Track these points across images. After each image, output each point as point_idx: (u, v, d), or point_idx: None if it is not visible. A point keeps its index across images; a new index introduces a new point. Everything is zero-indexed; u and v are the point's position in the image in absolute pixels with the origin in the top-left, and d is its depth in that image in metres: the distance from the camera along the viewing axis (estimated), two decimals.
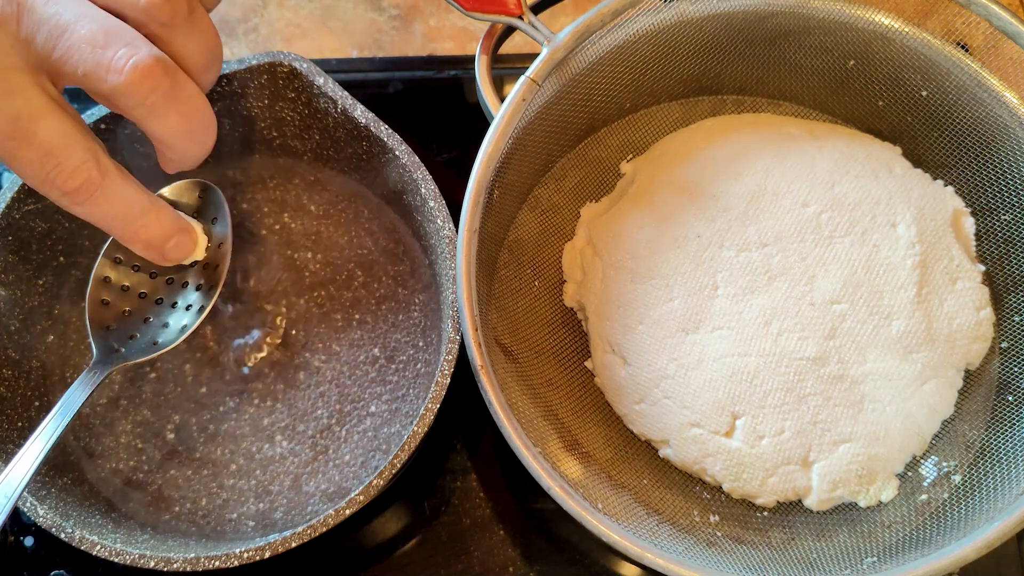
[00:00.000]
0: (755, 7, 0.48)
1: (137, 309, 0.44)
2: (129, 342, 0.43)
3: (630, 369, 0.45)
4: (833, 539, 0.44)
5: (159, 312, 0.44)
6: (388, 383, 0.49)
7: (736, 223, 0.46)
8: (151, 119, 0.36)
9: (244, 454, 0.48)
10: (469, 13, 0.44)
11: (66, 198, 0.36)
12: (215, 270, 0.44)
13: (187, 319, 0.44)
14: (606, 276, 0.47)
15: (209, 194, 0.45)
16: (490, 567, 0.48)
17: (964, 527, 0.41)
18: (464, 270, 0.41)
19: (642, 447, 0.47)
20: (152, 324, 0.44)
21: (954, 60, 0.46)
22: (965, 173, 0.49)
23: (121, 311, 0.44)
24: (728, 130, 0.50)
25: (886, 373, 0.44)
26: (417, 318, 0.51)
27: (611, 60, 0.48)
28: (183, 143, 0.38)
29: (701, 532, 0.44)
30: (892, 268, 0.45)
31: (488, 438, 0.51)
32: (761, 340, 0.44)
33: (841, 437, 0.43)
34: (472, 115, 0.49)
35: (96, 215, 0.37)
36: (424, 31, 0.63)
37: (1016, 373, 0.46)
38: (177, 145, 0.38)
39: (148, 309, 0.44)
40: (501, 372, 0.44)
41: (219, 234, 0.44)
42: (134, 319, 0.44)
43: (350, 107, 0.47)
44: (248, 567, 0.40)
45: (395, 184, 0.50)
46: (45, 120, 0.34)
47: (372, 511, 0.49)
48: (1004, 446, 0.44)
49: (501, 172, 0.45)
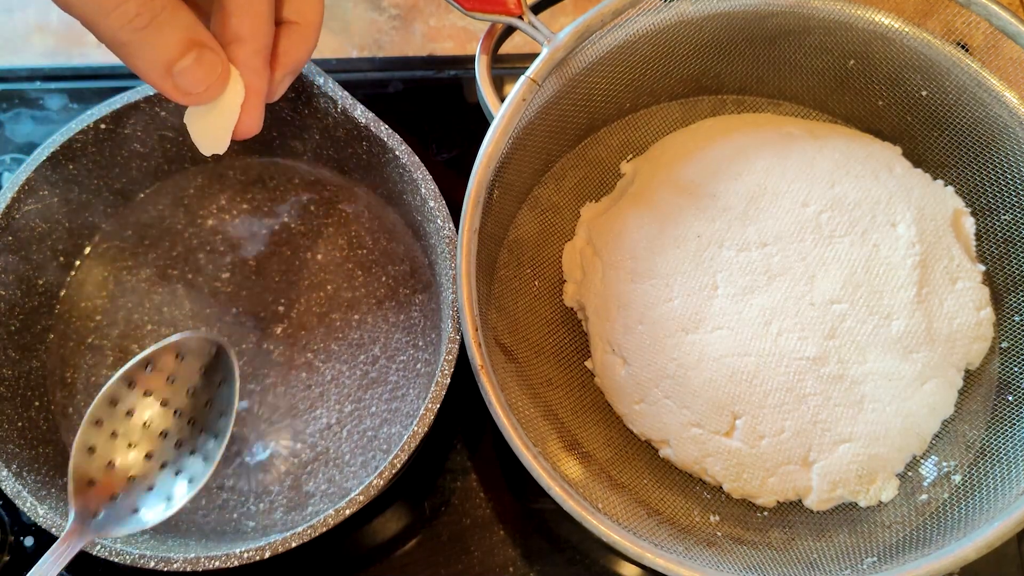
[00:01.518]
0: (755, 7, 0.48)
1: (123, 468, 0.41)
2: (108, 503, 0.40)
3: (630, 369, 0.45)
4: (833, 539, 0.44)
5: (147, 472, 0.41)
6: (388, 383, 0.49)
7: (736, 223, 0.46)
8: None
9: (244, 454, 0.48)
10: (469, 13, 0.44)
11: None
12: (215, 438, 0.41)
13: (174, 489, 0.40)
14: (606, 276, 0.47)
15: (221, 355, 0.42)
16: (490, 567, 0.48)
17: (964, 527, 0.41)
18: (464, 270, 0.41)
19: (642, 447, 0.47)
20: (135, 487, 0.41)
21: (954, 60, 0.46)
22: (965, 173, 0.49)
23: (107, 462, 0.40)
24: (728, 130, 0.50)
25: (886, 373, 0.44)
26: (417, 318, 0.51)
27: (611, 60, 0.48)
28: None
29: (701, 532, 0.44)
30: (892, 268, 0.45)
31: (488, 438, 0.51)
32: (761, 340, 0.44)
33: (841, 437, 0.43)
34: (472, 115, 0.49)
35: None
36: (424, 31, 0.63)
37: (1016, 373, 0.46)
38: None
39: (135, 465, 0.41)
40: (501, 372, 0.44)
41: (223, 399, 0.41)
42: (117, 478, 0.40)
43: (350, 107, 0.47)
44: (248, 567, 0.40)
45: (395, 184, 0.50)
46: None
47: (372, 511, 0.49)
48: (1004, 446, 0.44)
49: (501, 172, 0.45)
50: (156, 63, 0.30)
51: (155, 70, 0.30)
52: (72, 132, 0.47)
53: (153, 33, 0.29)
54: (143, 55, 0.29)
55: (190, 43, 0.30)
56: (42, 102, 0.58)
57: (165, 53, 0.29)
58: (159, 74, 0.30)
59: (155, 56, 0.29)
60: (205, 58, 0.30)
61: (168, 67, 0.30)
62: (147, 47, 0.29)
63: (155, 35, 0.29)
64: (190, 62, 0.30)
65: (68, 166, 0.48)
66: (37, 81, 0.59)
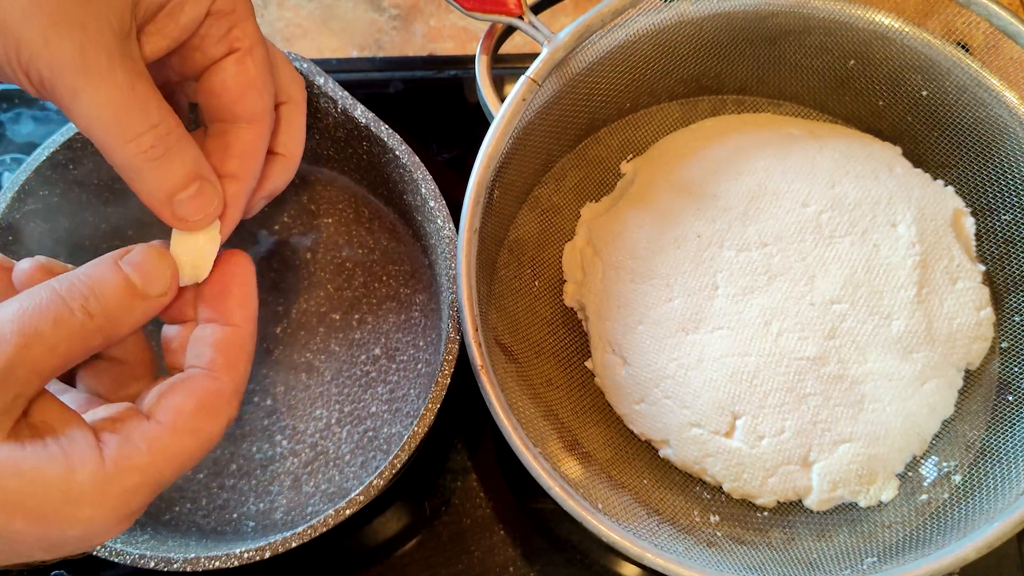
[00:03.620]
0: (755, 7, 0.48)
1: None
2: None
3: (630, 369, 0.45)
4: (833, 539, 0.44)
5: None
6: (388, 383, 0.49)
7: (736, 223, 0.46)
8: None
9: (244, 454, 0.48)
10: (469, 13, 0.44)
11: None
12: None
13: None
14: (606, 276, 0.47)
15: None
16: (490, 567, 0.48)
17: (964, 527, 0.41)
18: (464, 270, 0.41)
19: (642, 447, 0.47)
20: None
21: (954, 60, 0.46)
22: (965, 173, 0.49)
23: None
24: (728, 130, 0.50)
25: (886, 373, 0.44)
26: (417, 318, 0.51)
27: (611, 60, 0.48)
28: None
29: (701, 532, 0.44)
30: (892, 268, 0.45)
31: (488, 438, 0.51)
32: (761, 340, 0.44)
33: (841, 437, 0.43)
34: (472, 115, 0.49)
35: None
36: (424, 31, 0.63)
37: (1016, 373, 0.46)
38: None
39: None
40: (501, 372, 0.44)
41: None
42: None
43: (350, 107, 0.47)
44: (248, 567, 0.40)
45: (395, 184, 0.50)
46: None
47: (372, 511, 0.49)
48: (1004, 446, 0.44)
49: (501, 172, 0.45)
50: (160, 190, 0.31)
51: (158, 197, 0.32)
52: (72, 132, 0.47)
53: (164, 164, 0.31)
54: (150, 181, 0.31)
55: (194, 176, 0.32)
56: (42, 102, 0.58)
57: (170, 183, 0.31)
58: (160, 200, 0.32)
59: (160, 184, 0.31)
60: (206, 191, 0.32)
61: (170, 196, 0.32)
62: (156, 175, 0.31)
63: (165, 165, 0.31)
64: (192, 193, 0.32)
65: (68, 166, 0.48)
66: None
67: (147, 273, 0.30)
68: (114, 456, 0.27)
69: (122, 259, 0.30)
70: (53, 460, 0.26)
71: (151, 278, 0.30)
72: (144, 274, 0.30)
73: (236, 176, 0.34)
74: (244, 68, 0.34)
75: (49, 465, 0.26)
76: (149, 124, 0.30)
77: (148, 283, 0.30)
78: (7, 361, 0.25)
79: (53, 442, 0.27)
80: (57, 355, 0.27)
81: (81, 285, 0.28)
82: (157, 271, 0.30)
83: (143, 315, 0.29)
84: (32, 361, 0.26)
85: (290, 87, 0.38)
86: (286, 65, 0.38)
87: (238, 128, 0.34)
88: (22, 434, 0.26)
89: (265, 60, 0.34)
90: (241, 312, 0.32)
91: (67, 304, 0.27)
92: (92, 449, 0.27)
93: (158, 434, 0.28)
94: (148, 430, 0.28)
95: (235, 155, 0.34)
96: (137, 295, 0.29)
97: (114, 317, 0.28)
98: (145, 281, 0.30)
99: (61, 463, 0.26)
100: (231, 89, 0.34)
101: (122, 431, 0.28)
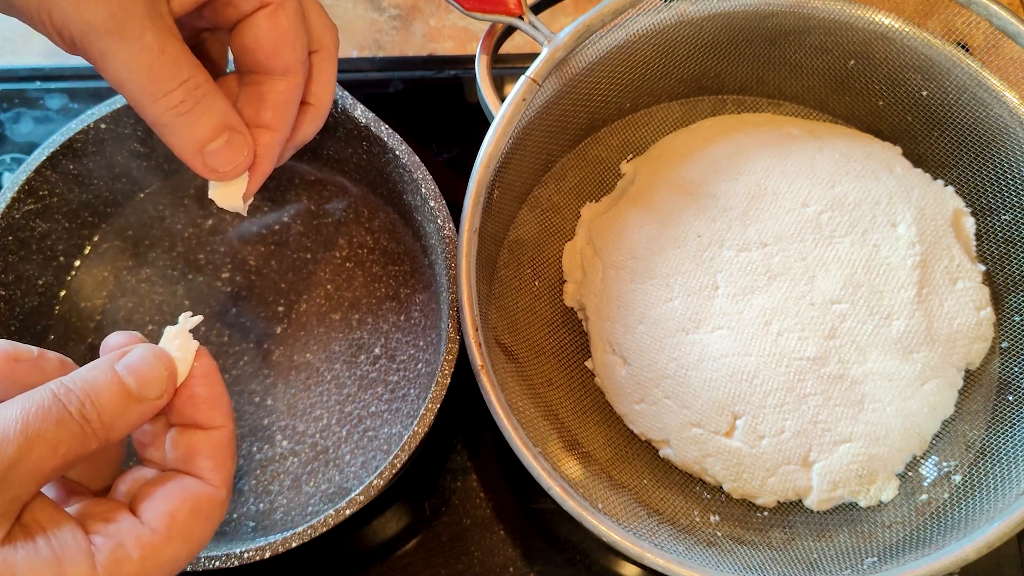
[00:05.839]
0: (755, 7, 0.48)
1: None
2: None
3: (630, 369, 0.45)
4: (833, 539, 0.44)
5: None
6: (388, 383, 0.49)
7: (736, 223, 0.46)
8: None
9: (244, 454, 0.48)
10: (469, 13, 0.44)
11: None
12: None
13: None
14: (606, 276, 0.47)
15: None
16: (490, 567, 0.48)
17: (964, 527, 0.41)
18: (464, 270, 0.41)
19: (642, 447, 0.47)
20: None
21: (954, 60, 0.46)
22: (965, 173, 0.49)
23: None
24: (728, 130, 0.50)
25: (886, 373, 0.44)
26: (417, 318, 0.51)
27: (611, 60, 0.48)
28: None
29: (701, 532, 0.44)
30: (892, 268, 0.45)
31: (488, 438, 0.51)
32: (761, 340, 0.44)
33: (841, 437, 0.43)
34: (472, 115, 0.49)
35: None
36: (424, 31, 0.63)
37: (1016, 373, 0.46)
38: None
39: None
40: (501, 372, 0.44)
41: None
42: None
43: (350, 107, 0.47)
44: (248, 567, 0.40)
45: (395, 184, 0.50)
46: None
47: (372, 511, 0.49)
48: (1004, 446, 0.44)
49: (501, 172, 0.45)
50: (191, 143, 0.32)
51: (189, 149, 0.33)
52: (72, 132, 0.47)
53: (193, 117, 0.32)
54: (180, 135, 0.32)
55: (223, 127, 0.33)
56: (42, 102, 0.58)
57: (200, 135, 0.32)
58: (191, 152, 0.33)
59: (191, 137, 0.32)
60: (235, 141, 0.34)
61: (201, 147, 0.33)
62: (185, 128, 0.32)
63: (195, 119, 0.32)
64: (221, 144, 0.33)
65: (68, 166, 0.48)
66: (37, 81, 0.59)
67: (143, 377, 0.29)
68: (106, 562, 0.26)
69: (119, 363, 0.29)
70: (46, 564, 0.26)
71: (147, 382, 0.29)
72: (140, 378, 0.29)
73: (270, 126, 0.35)
74: (277, 23, 0.34)
75: (44, 568, 0.26)
76: (178, 81, 0.31)
77: (144, 387, 0.29)
78: (8, 461, 0.25)
79: (44, 544, 0.26)
80: (57, 457, 0.26)
81: (79, 391, 0.27)
82: (154, 374, 0.29)
83: (139, 418, 0.29)
84: (33, 462, 0.26)
85: (323, 36, 0.37)
86: (319, 13, 0.37)
87: (273, 80, 0.34)
88: (15, 536, 0.26)
89: (298, 13, 0.34)
90: (221, 412, 0.31)
91: (66, 408, 0.27)
92: (83, 553, 0.26)
93: (150, 540, 0.28)
94: (141, 536, 0.28)
95: (269, 106, 0.35)
96: (133, 399, 0.28)
97: (110, 422, 0.28)
98: (141, 385, 0.29)
99: (53, 568, 0.26)
100: (264, 45, 0.34)
101: (115, 535, 0.27)
